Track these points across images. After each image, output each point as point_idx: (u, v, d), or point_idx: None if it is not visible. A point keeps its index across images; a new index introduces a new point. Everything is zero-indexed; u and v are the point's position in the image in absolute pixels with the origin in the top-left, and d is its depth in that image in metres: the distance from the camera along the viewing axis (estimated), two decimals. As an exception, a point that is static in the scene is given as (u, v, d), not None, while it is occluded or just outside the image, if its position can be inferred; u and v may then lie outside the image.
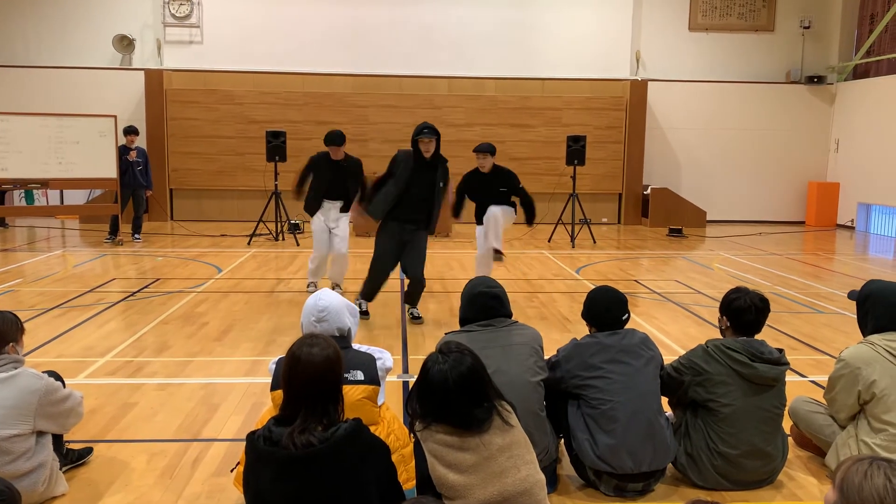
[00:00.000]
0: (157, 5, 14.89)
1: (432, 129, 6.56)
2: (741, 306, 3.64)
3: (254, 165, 14.56)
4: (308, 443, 2.37)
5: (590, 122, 15.19)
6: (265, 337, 6.30)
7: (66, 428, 3.50)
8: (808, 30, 15.83)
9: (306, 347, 2.53)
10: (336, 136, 7.68)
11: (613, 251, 11.79)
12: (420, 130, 6.54)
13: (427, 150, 6.53)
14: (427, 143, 6.51)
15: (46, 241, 12.06)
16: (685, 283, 9.05)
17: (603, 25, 15.44)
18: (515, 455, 2.66)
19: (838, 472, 1.78)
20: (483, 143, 7.51)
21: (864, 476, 1.73)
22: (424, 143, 6.50)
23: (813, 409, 3.94)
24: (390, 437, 3.18)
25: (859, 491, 1.72)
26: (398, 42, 15.17)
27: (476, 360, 2.72)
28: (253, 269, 9.58)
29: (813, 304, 7.89)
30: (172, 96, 14.73)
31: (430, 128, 6.55)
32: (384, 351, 3.53)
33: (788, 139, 16.14)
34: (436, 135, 6.54)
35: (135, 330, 6.44)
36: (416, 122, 7.59)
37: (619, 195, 15.73)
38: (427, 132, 6.51)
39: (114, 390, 4.90)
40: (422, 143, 6.51)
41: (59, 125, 11.14)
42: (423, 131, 6.52)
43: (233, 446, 4.01)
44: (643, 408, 3.45)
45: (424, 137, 6.50)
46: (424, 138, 6.50)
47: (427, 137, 6.50)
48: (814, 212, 15.92)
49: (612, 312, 3.65)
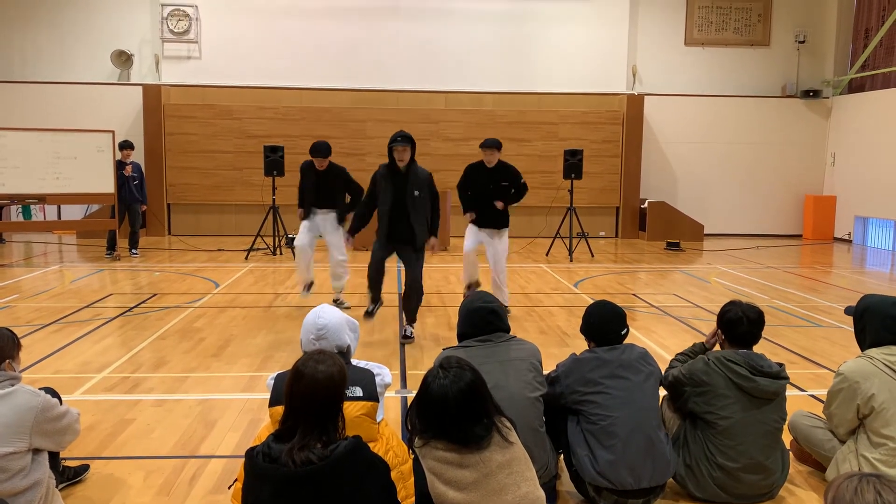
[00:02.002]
0: (155, 21, 14.94)
1: (406, 137, 6.45)
2: (733, 318, 3.67)
3: (251, 180, 14.57)
4: (307, 460, 2.36)
5: (586, 137, 15.25)
6: (263, 352, 6.28)
7: (62, 445, 3.47)
8: (804, 44, 15.93)
9: (312, 363, 2.52)
10: (320, 148, 7.75)
11: (611, 265, 11.80)
12: (394, 139, 6.42)
13: (401, 158, 6.43)
14: (401, 152, 6.41)
15: (43, 256, 12.04)
16: (683, 296, 9.05)
17: (599, 40, 15.52)
18: (515, 472, 2.65)
19: (829, 490, 1.79)
20: (490, 139, 7.66)
21: (854, 492, 1.74)
22: (398, 150, 6.40)
23: (812, 423, 3.93)
24: (389, 454, 3.15)
25: None
26: (396, 57, 15.24)
27: (476, 376, 2.71)
28: (251, 284, 9.56)
29: (811, 318, 7.89)
30: (170, 111, 14.76)
31: (403, 136, 6.44)
32: (383, 367, 3.52)
33: (785, 153, 16.20)
34: (410, 143, 6.43)
35: (132, 346, 6.42)
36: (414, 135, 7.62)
37: (616, 209, 15.76)
38: (401, 140, 6.40)
39: (111, 406, 4.87)
40: (396, 151, 6.41)
41: (56, 140, 11.15)
42: (396, 139, 6.40)
43: (230, 463, 3.99)
44: (643, 423, 3.44)
45: (398, 146, 6.39)
46: (398, 146, 6.39)
47: (400, 146, 6.39)
48: (811, 225, 15.96)
49: (610, 327, 3.65)
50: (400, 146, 6.40)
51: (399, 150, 6.41)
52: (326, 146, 7.83)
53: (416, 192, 6.48)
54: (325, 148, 7.79)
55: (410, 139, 6.46)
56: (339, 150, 15.54)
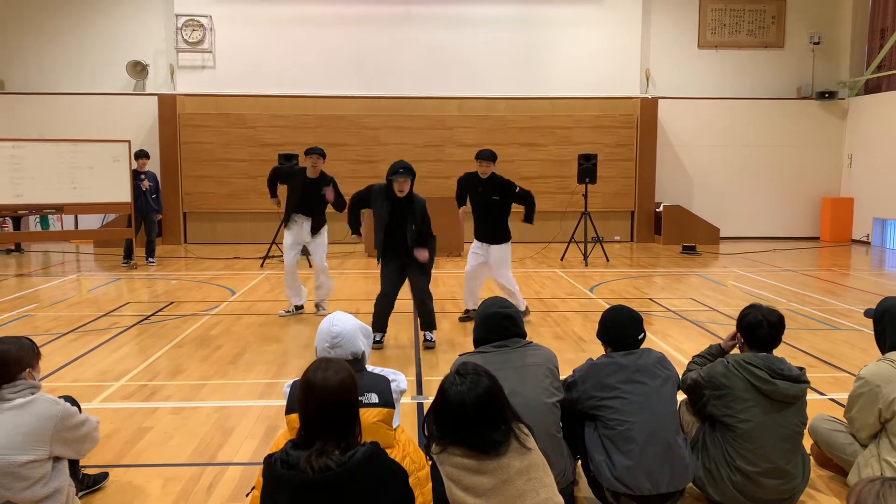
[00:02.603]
0: (169, 31, 15.08)
1: (408, 169, 6.39)
2: (752, 322, 3.63)
3: (266, 188, 14.56)
4: (325, 466, 2.36)
5: (600, 141, 15.21)
6: (279, 359, 6.30)
7: (81, 453, 3.49)
8: (818, 45, 15.83)
9: (321, 372, 2.52)
10: (314, 150, 7.73)
11: (627, 269, 11.75)
12: (395, 170, 6.36)
13: (401, 189, 6.40)
14: (401, 184, 6.38)
15: (61, 265, 12.15)
16: (700, 300, 9.00)
17: (612, 44, 15.50)
18: (534, 478, 2.63)
19: (852, 495, 1.78)
20: (485, 150, 7.49)
21: (876, 497, 1.73)
22: (399, 182, 6.37)
23: (833, 427, 3.88)
24: (406, 460, 3.14)
25: None
26: (409, 64, 15.28)
27: (493, 382, 2.70)
28: (266, 292, 9.60)
29: (829, 321, 7.81)
30: (185, 120, 14.88)
31: (405, 168, 6.38)
32: (398, 373, 3.51)
33: (801, 155, 16.09)
34: (411, 175, 6.39)
35: (149, 354, 6.46)
36: (428, 142, 7.69)
37: (631, 213, 15.70)
38: (402, 172, 6.34)
39: (129, 415, 4.90)
40: (396, 183, 6.37)
41: (73, 151, 11.26)
42: (398, 171, 6.34)
43: (248, 470, 4.00)
44: (661, 428, 3.41)
45: (399, 178, 6.34)
46: (399, 178, 6.34)
47: (402, 178, 6.34)
48: (828, 227, 15.82)
49: (627, 332, 3.63)
50: (401, 178, 6.35)
51: (400, 182, 6.37)
52: (320, 150, 7.80)
53: (412, 226, 6.45)
54: (319, 150, 7.76)
55: (412, 171, 6.42)
56: (353, 157, 15.68)
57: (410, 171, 6.41)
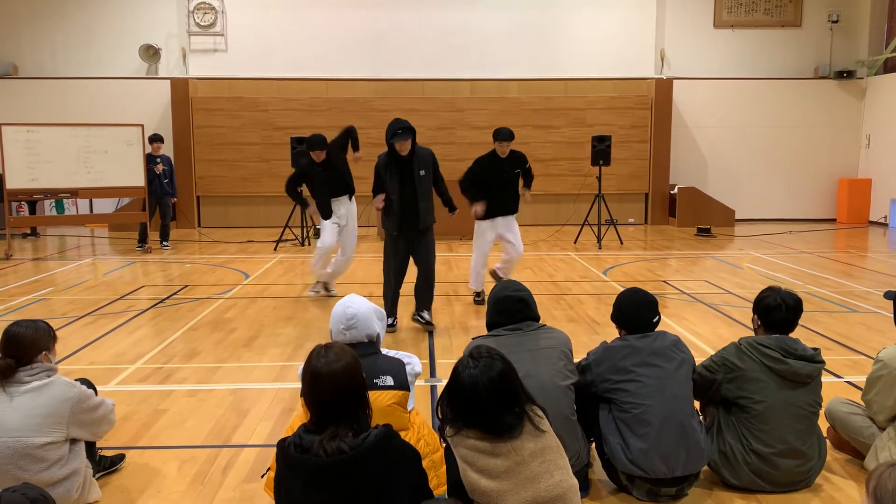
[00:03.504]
0: (181, 15, 15.05)
1: (406, 128, 6.30)
2: (771, 304, 3.59)
3: (279, 171, 14.62)
4: (339, 450, 2.36)
5: (614, 122, 15.09)
6: (293, 342, 6.32)
7: (98, 435, 3.52)
8: (837, 24, 15.59)
9: (322, 359, 2.49)
10: (315, 141, 7.63)
11: (641, 252, 11.69)
12: (394, 133, 6.26)
13: (402, 149, 6.34)
14: (402, 144, 6.32)
15: (77, 249, 12.23)
16: (715, 283, 8.94)
17: (626, 24, 15.33)
18: (548, 460, 2.63)
19: (871, 479, 1.78)
20: (504, 130, 7.49)
21: None
22: (400, 144, 6.31)
23: (851, 410, 3.85)
24: (420, 443, 3.15)
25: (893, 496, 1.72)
26: (420, 46, 15.19)
27: (507, 365, 2.69)
28: (280, 275, 9.62)
29: (847, 303, 7.74)
30: (198, 104, 14.88)
31: (404, 128, 6.28)
32: (412, 356, 3.51)
33: (818, 135, 15.90)
34: (411, 134, 6.30)
35: (164, 337, 6.50)
36: (440, 125, 7.64)
37: (645, 195, 15.60)
38: (402, 133, 6.25)
39: (144, 397, 4.94)
40: (397, 144, 6.31)
41: (87, 135, 11.31)
42: (396, 132, 6.25)
43: (263, 452, 4.02)
44: (676, 411, 3.39)
45: (399, 139, 6.27)
46: (399, 140, 6.28)
47: (402, 139, 6.27)
48: (845, 209, 15.66)
49: (642, 315, 3.60)
50: (401, 140, 6.28)
51: (401, 143, 6.31)
52: (322, 138, 7.69)
53: (421, 172, 6.44)
54: (321, 141, 7.65)
55: (411, 129, 6.34)
56: (364, 140, 15.42)
57: (410, 130, 6.32)
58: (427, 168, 6.50)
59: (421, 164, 6.46)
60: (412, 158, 6.43)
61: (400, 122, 6.35)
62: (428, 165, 6.51)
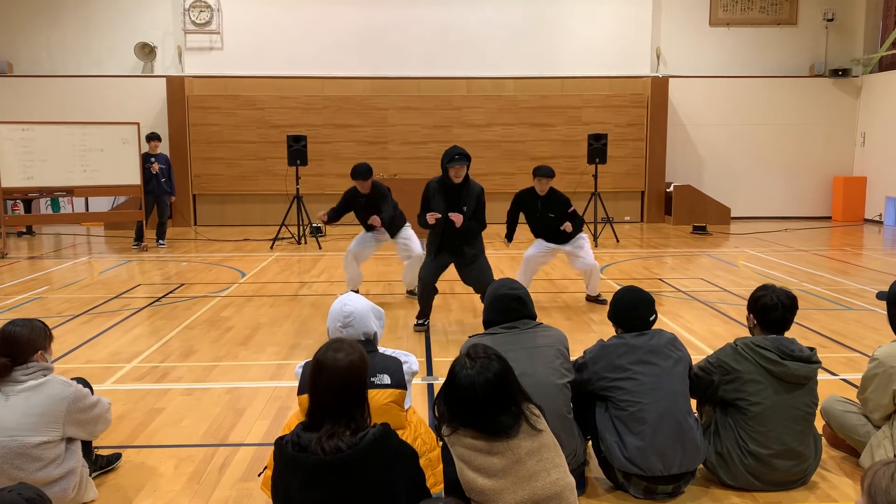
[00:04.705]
0: (177, 13, 15.02)
1: (463, 154, 6.23)
2: (768, 304, 3.57)
3: (275, 170, 14.64)
4: (337, 448, 2.36)
5: (610, 120, 15.10)
6: (289, 340, 6.32)
7: (94, 434, 3.52)
8: (832, 22, 15.62)
9: (331, 353, 2.53)
10: (360, 170, 7.44)
11: (637, 250, 11.70)
12: (451, 157, 6.20)
13: (457, 175, 6.25)
14: (458, 170, 6.22)
15: (72, 248, 12.20)
16: (711, 281, 8.96)
17: (622, 22, 15.33)
18: (545, 458, 2.63)
19: (866, 477, 1.80)
20: (544, 167, 7.35)
21: (891, 479, 1.75)
22: (455, 169, 6.22)
23: (846, 408, 3.86)
24: (417, 441, 3.16)
25: (887, 493, 1.75)
26: (416, 43, 15.17)
27: (504, 365, 2.69)
28: (276, 273, 9.61)
29: (842, 301, 7.77)
30: (194, 102, 14.85)
31: (461, 154, 6.22)
32: (409, 354, 3.51)
33: (813, 133, 15.94)
34: (466, 161, 6.24)
35: (160, 335, 6.49)
36: (436, 123, 7.63)
37: (641, 193, 15.62)
38: (458, 159, 6.18)
39: (141, 396, 4.93)
40: (451, 170, 6.23)
41: (83, 133, 11.27)
42: (454, 157, 6.18)
43: (259, 450, 4.02)
44: (672, 409, 3.40)
45: (454, 165, 6.19)
46: (455, 165, 6.19)
47: (457, 164, 6.19)
48: (840, 207, 15.70)
49: (638, 313, 3.60)
50: (457, 165, 6.18)
51: (455, 169, 6.22)
52: (367, 168, 7.50)
53: (464, 208, 6.32)
54: (365, 170, 7.46)
55: (467, 157, 6.26)
56: (361, 138, 15.66)
57: (466, 157, 6.24)
58: (470, 204, 6.35)
59: (467, 199, 6.34)
60: (462, 188, 6.33)
61: (457, 149, 6.28)
62: (472, 201, 6.36)
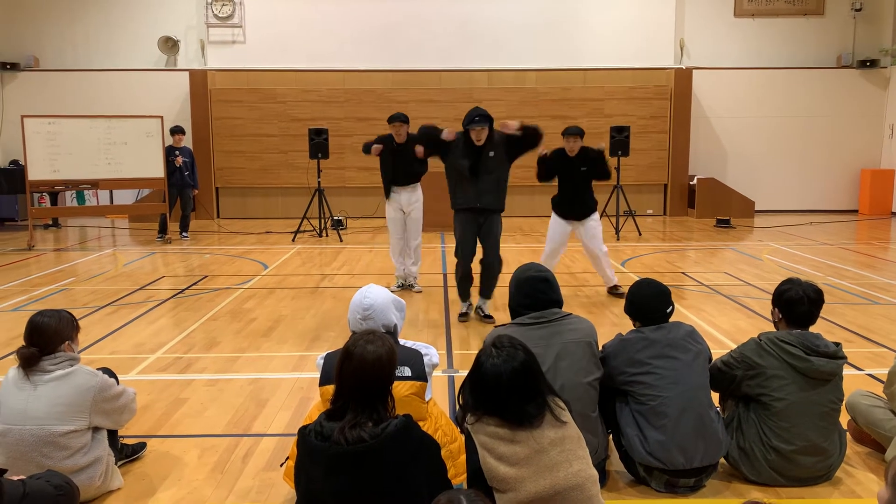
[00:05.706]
0: (200, 6, 15.11)
1: (484, 116, 6.07)
2: (793, 297, 3.52)
3: (297, 163, 14.70)
4: (359, 438, 2.38)
5: (633, 113, 14.98)
6: (311, 332, 6.35)
7: (120, 424, 3.57)
8: (860, 12, 15.35)
9: (361, 343, 2.55)
10: (399, 115, 7.58)
11: (659, 243, 11.62)
12: (471, 119, 6.06)
13: (478, 138, 6.10)
14: (478, 132, 6.08)
15: (97, 240, 12.35)
16: (734, 274, 8.87)
17: (645, 14, 15.18)
18: (567, 449, 2.63)
19: (890, 468, 1.77)
20: (573, 126, 7.39)
21: None
22: (476, 132, 6.09)
23: (872, 402, 3.81)
24: (438, 433, 3.17)
25: None
26: (437, 36, 15.14)
27: (529, 356, 2.69)
28: (298, 266, 9.67)
29: (868, 295, 7.66)
30: (216, 96, 14.95)
31: (481, 115, 6.06)
32: (430, 346, 3.52)
33: (840, 126, 15.69)
34: (488, 122, 6.09)
35: (184, 326, 6.56)
36: (458, 115, 7.59)
37: (664, 186, 15.49)
38: (479, 120, 6.02)
39: (165, 386, 4.99)
40: (473, 132, 6.10)
41: (107, 127, 11.40)
42: (474, 119, 6.04)
43: (282, 441, 4.05)
44: (693, 402, 3.38)
45: (476, 126, 6.05)
46: (476, 127, 6.05)
47: (478, 126, 6.04)
48: (867, 200, 15.46)
49: (655, 306, 3.55)
50: (477, 127, 6.04)
51: (476, 132, 6.08)
52: (406, 115, 7.61)
53: (490, 154, 6.13)
54: (404, 116, 7.56)
55: (488, 117, 6.09)
56: (382, 131, 15.59)
57: (487, 118, 6.09)
58: (497, 148, 6.15)
59: (492, 147, 6.16)
60: (484, 148, 6.16)
61: (478, 110, 6.13)
62: (499, 146, 6.17)
